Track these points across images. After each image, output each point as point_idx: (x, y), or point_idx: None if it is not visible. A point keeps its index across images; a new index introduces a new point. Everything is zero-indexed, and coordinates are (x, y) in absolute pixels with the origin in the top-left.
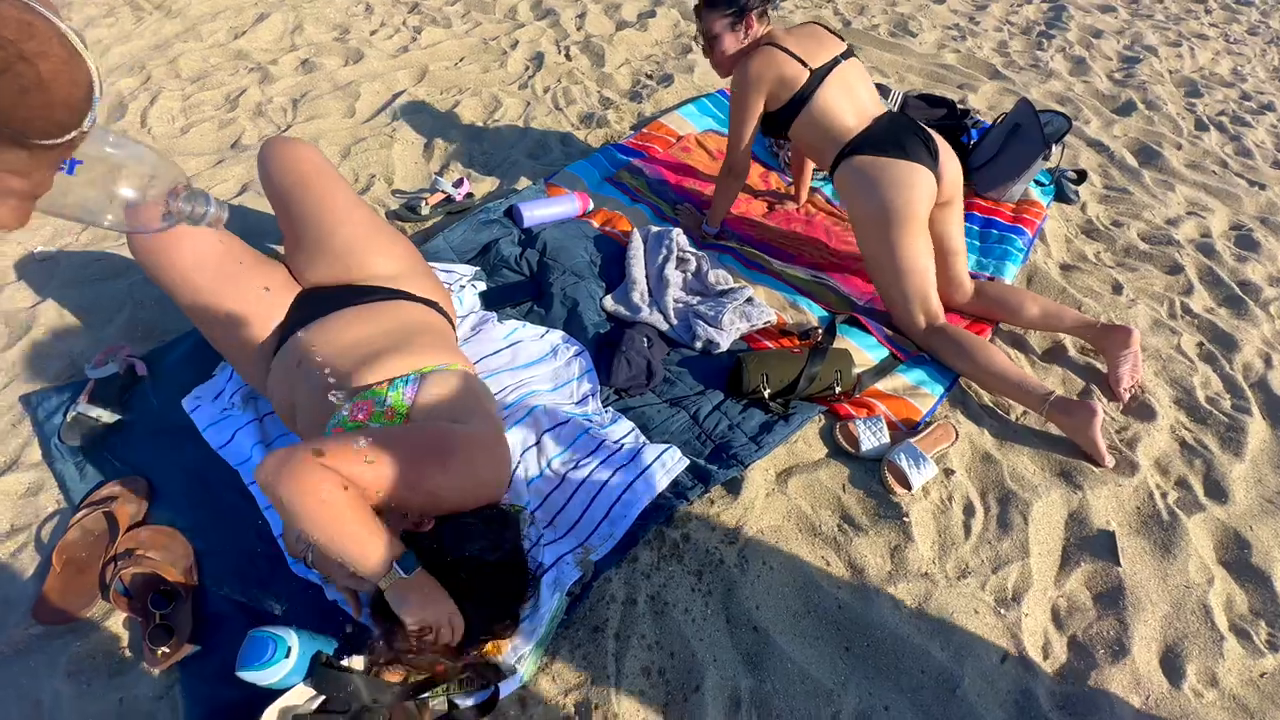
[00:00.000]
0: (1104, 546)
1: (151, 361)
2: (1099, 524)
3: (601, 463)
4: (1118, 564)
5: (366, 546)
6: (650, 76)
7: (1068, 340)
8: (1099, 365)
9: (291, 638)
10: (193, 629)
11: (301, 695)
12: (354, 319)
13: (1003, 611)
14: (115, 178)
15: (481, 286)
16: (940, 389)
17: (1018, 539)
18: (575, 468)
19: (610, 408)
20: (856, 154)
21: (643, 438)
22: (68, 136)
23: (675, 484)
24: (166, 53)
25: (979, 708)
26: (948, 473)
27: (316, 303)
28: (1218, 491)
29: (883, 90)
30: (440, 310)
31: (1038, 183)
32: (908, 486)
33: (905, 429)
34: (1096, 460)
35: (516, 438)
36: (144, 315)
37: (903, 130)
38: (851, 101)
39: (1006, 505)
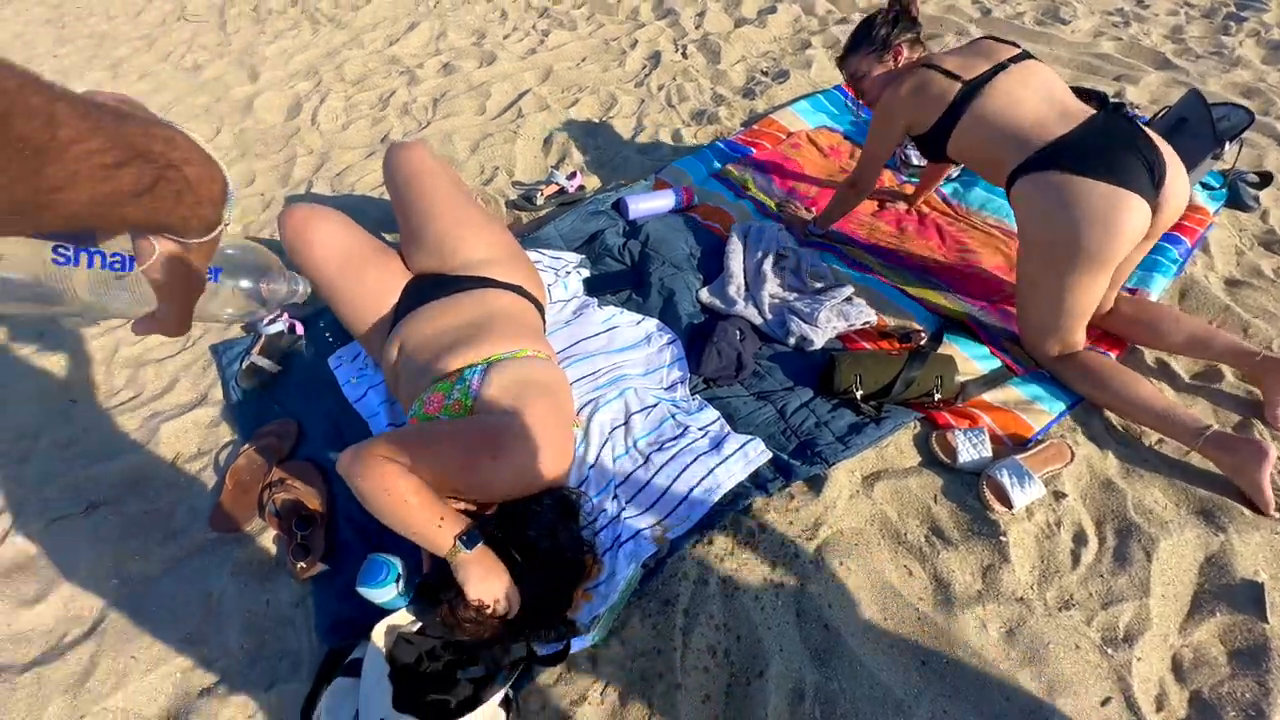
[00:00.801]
0: (1248, 599)
1: (307, 324)
2: (1244, 573)
3: (685, 447)
4: (1264, 620)
5: (430, 528)
6: (765, 73)
7: (1223, 365)
8: (1260, 396)
9: (399, 565)
10: (325, 552)
11: (405, 618)
12: (441, 311)
13: (1110, 651)
14: (237, 274)
15: (586, 273)
16: (1060, 406)
17: (1137, 576)
18: (659, 449)
19: (698, 396)
20: (1047, 169)
21: (727, 427)
22: (215, 232)
23: (756, 475)
24: (335, 59)
25: None
26: (1057, 496)
27: (419, 291)
28: None
29: None
30: (526, 294)
31: (1205, 185)
32: (1008, 505)
33: (1011, 445)
34: (1260, 507)
35: (606, 416)
36: None
37: (1118, 141)
38: (1026, 108)
39: (1127, 538)
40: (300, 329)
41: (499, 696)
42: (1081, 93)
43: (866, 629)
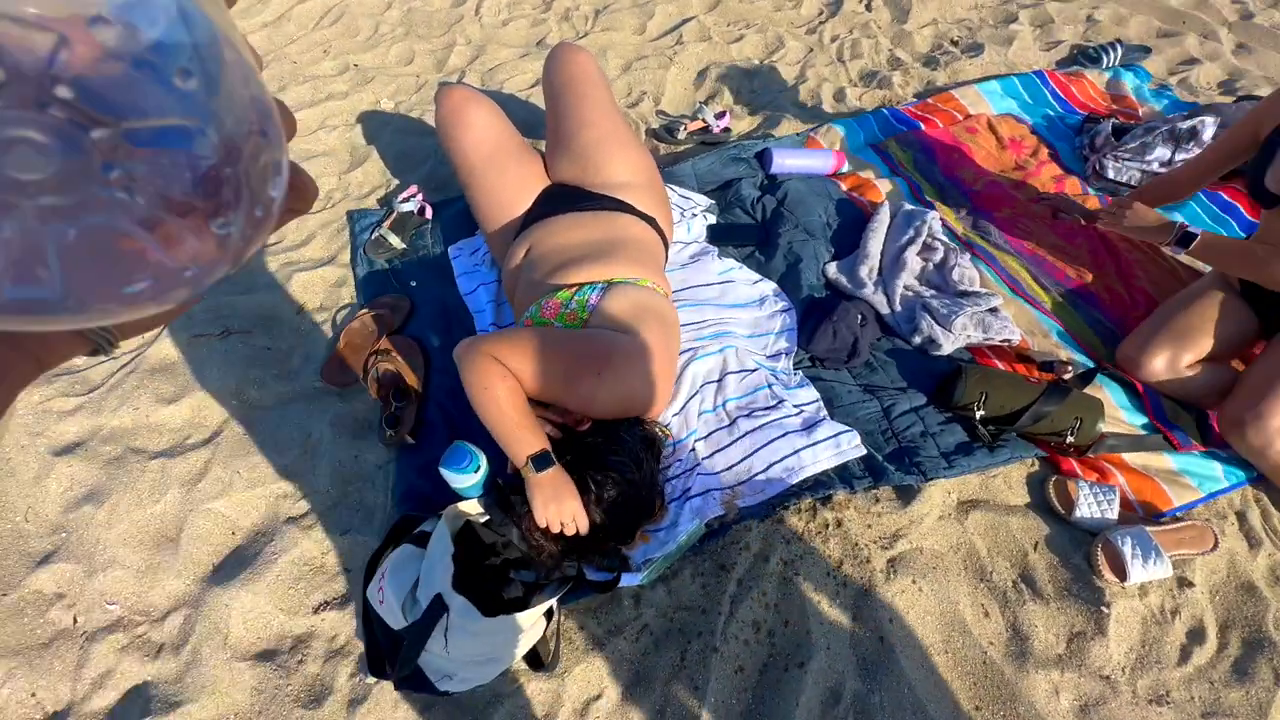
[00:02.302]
0: None
1: (437, 209)
2: None
3: (775, 420)
4: None
5: (512, 437)
6: (955, 43)
7: None
8: None
9: (483, 459)
10: (413, 426)
11: (474, 508)
12: (574, 224)
13: None
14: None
15: (713, 220)
16: (1214, 487)
17: (1256, 697)
18: (748, 415)
19: (799, 372)
20: None
21: (824, 411)
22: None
23: (843, 468)
24: None
25: None
26: (1182, 582)
27: (555, 199)
28: None
29: None
30: (657, 227)
31: None
32: (1122, 576)
33: (1143, 514)
34: None
35: (701, 369)
36: (440, 172)
37: None
38: None
39: (1255, 652)
40: (430, 212)
41: (545, 606)
42: None
43: (924, 655)
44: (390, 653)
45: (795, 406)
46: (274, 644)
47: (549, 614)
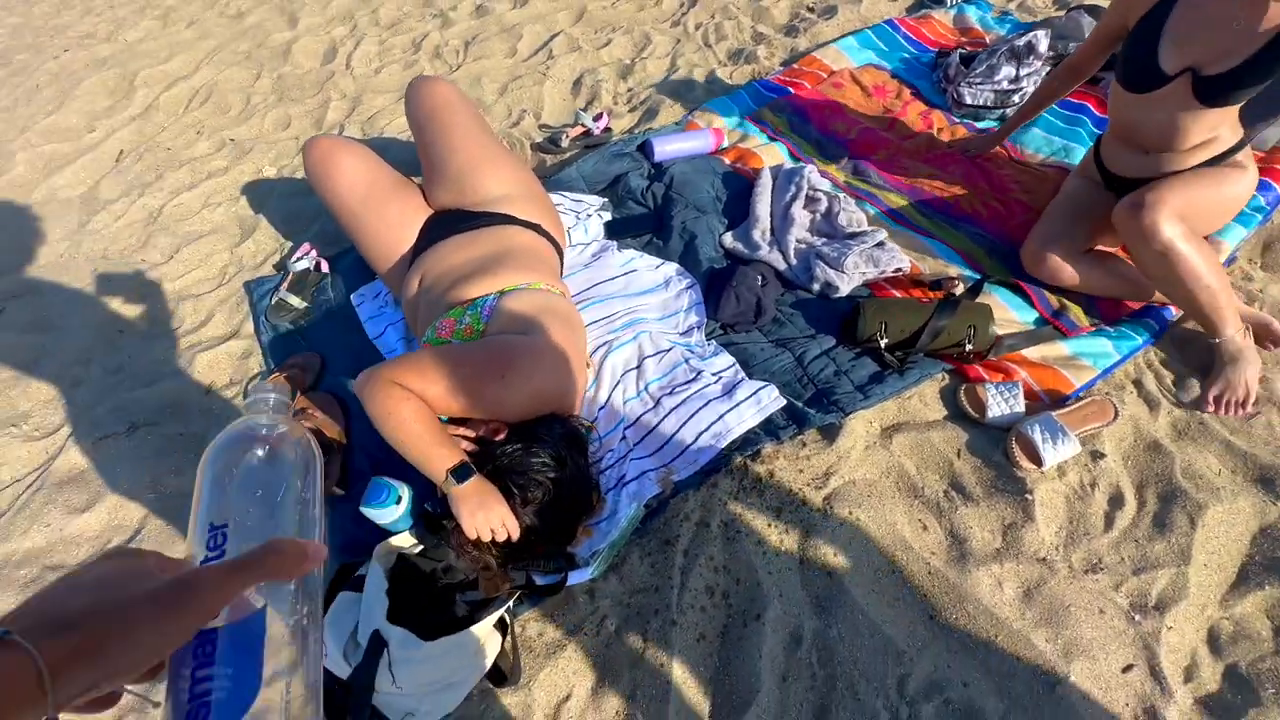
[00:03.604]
0: None
1: (333, 261)
2: None
3: (696, 392)
4: None
5: (426, 455)
6: (811, 9)
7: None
8: None
9: (404, 490)
10: (340, 478)
11: (407, 541)
12: (460, 245)
13: (1137, 618)
14: None
15: (608, 217)
16: (1107, 363)
17: (1177, 543)
18: (670, 393)
19: (713, 341)
20: None
21: (742, 373)
22: None
23: (768, 422)
24: (370, 3)
25: (1083, 711)
26: (1095, 455)
27: (439, 226)
28: None
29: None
30: (545, 233)
31: None
32: (1038, 462)
33: (1049, 402)
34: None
35: (619, 359)
36: (330, 227)
37: None
38: None
39: (1170, 504)
40: (325, 266)
41: (494, 618)
42: None
43: (872, 580)
44: (344, 701)
45: (713, 374)
46: None
47: (504, 628)
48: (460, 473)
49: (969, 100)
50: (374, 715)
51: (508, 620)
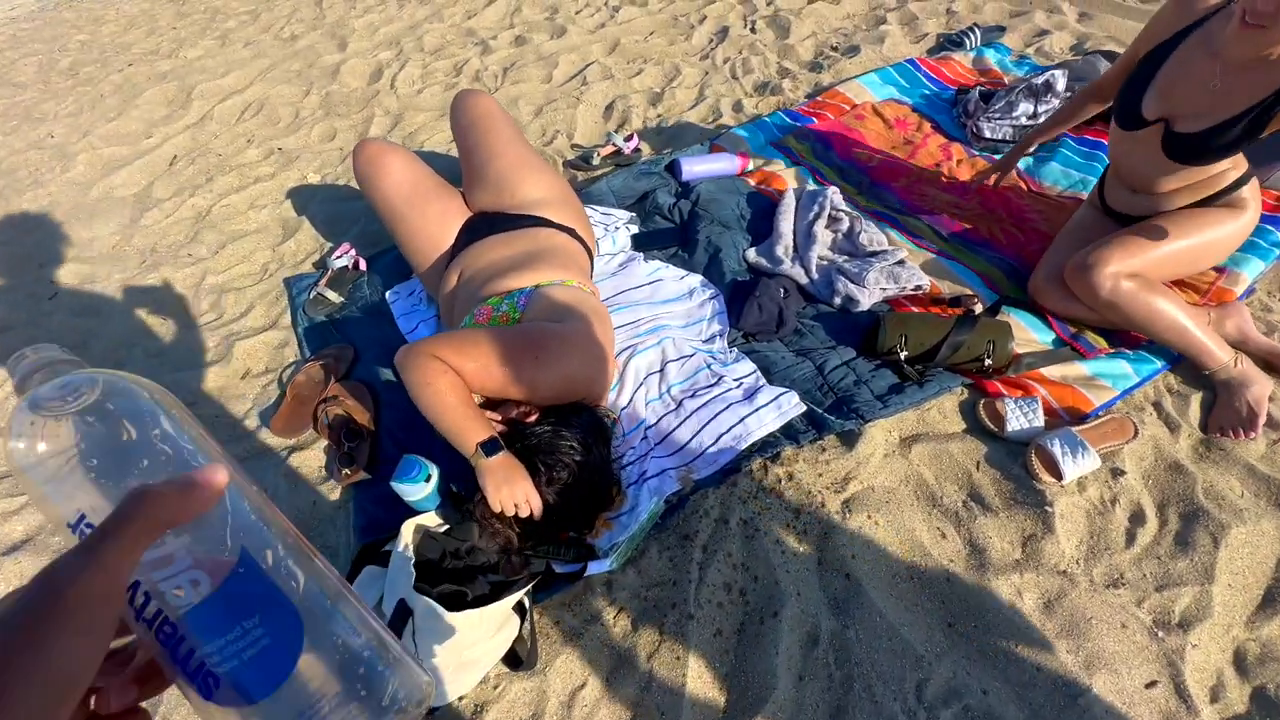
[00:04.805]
0: None
1: (370, 261)
2: None
3: (717, 396)
4: None
5: (459, 427)
6: (835, 48)
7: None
8: None
9: (434, 469)
10: (368, 463)
11: (432, 520)
12: (498, 243)
13: (1160, 634)
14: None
15: (635, 230)
16: (1127, 384)
17: (1200, 562)
18: (692, 396)
19: (735, 349)
20: None
21: (762, 379)
22: None
23: (788, 426)
24: (416, 31)
25: None
26: (1115, 473)
27: (478, 227)
28: None
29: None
30: (577, 236)
31: None
32: (1057, 476)
33: (1068, 419)
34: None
35: (643, 362)
36: (371, 229)
37: None
38: None
39: (1192, 523)
40: (364, 265)
41: (513, 599)
42: None
43: (891, 584)
44: None
45: (735, 380)
46: None
47: (523, 613)
48: (489, 446)
49: (988, 134)
50: None
51: (527, 605)
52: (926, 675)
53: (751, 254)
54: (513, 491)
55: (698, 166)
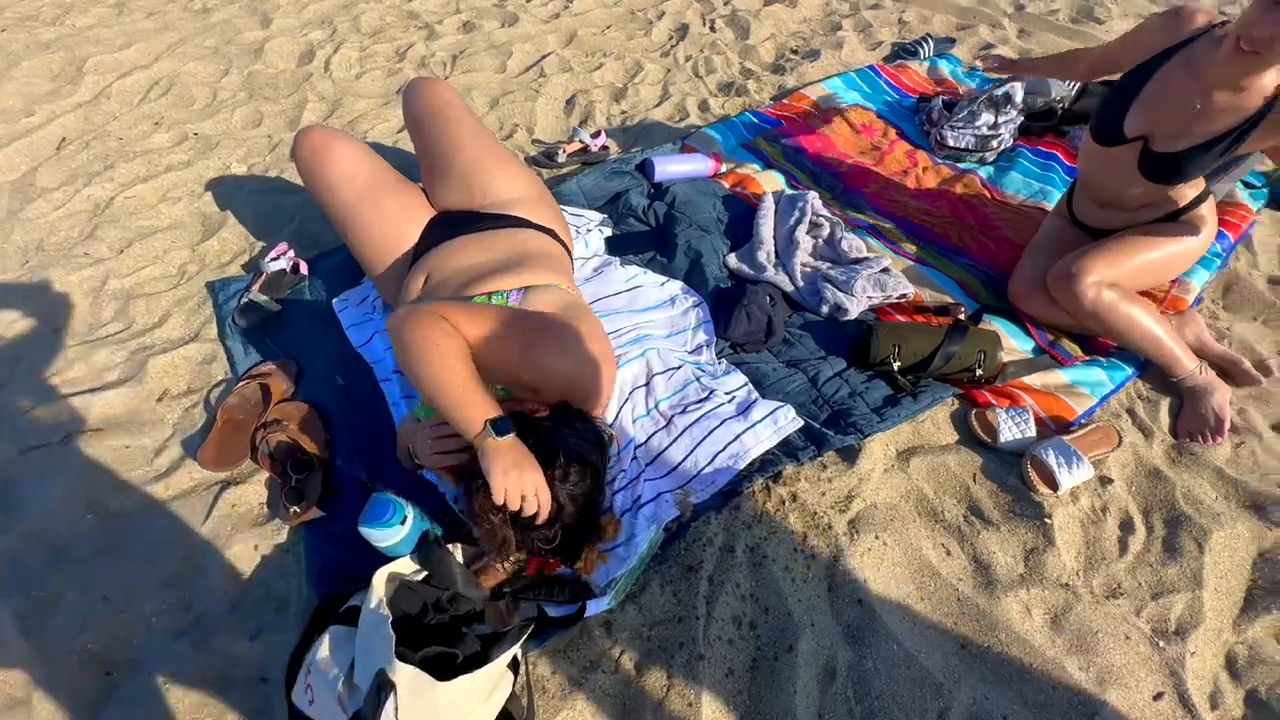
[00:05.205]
0: None
1: (312, 263)
2: None
3: (710, 412)
4: None
5: (463, 400)
6: (795, 51)
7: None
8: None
9: (409, 510)
10: (321, 497)
11: (408, 567)
12: (473, 244)
13: (1161, 644)
14: None
15: (608, 233)
16: (1103, 391)
17: (1189, 568)
18: (682, 412)
19: (724, 360)
20: None
21: (755, 393)
22: None
23: (786, 443)
24: (351, 11)
25: None
26: (1103, 481)
27: (445, 226)
28: None
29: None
30: (558, 239)
31: (1247, 184)
32: (1054, 487)
33: (1055, 428)
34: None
35: (627, 375)
36: (310, 227)
37: None
38: None
39: (1176, 529)
40: (304, 268)
41: (508, 656)
42: None
43: (903, 608)
44: None
45: (726, 394)
46: None
47: (514, 666)
48: (500, 425)
49: (951, 143)
50: None
51: (519, 657)
52: (948, 704)
53: (732, 260)
54: (521, 480)
55: (671, 166)
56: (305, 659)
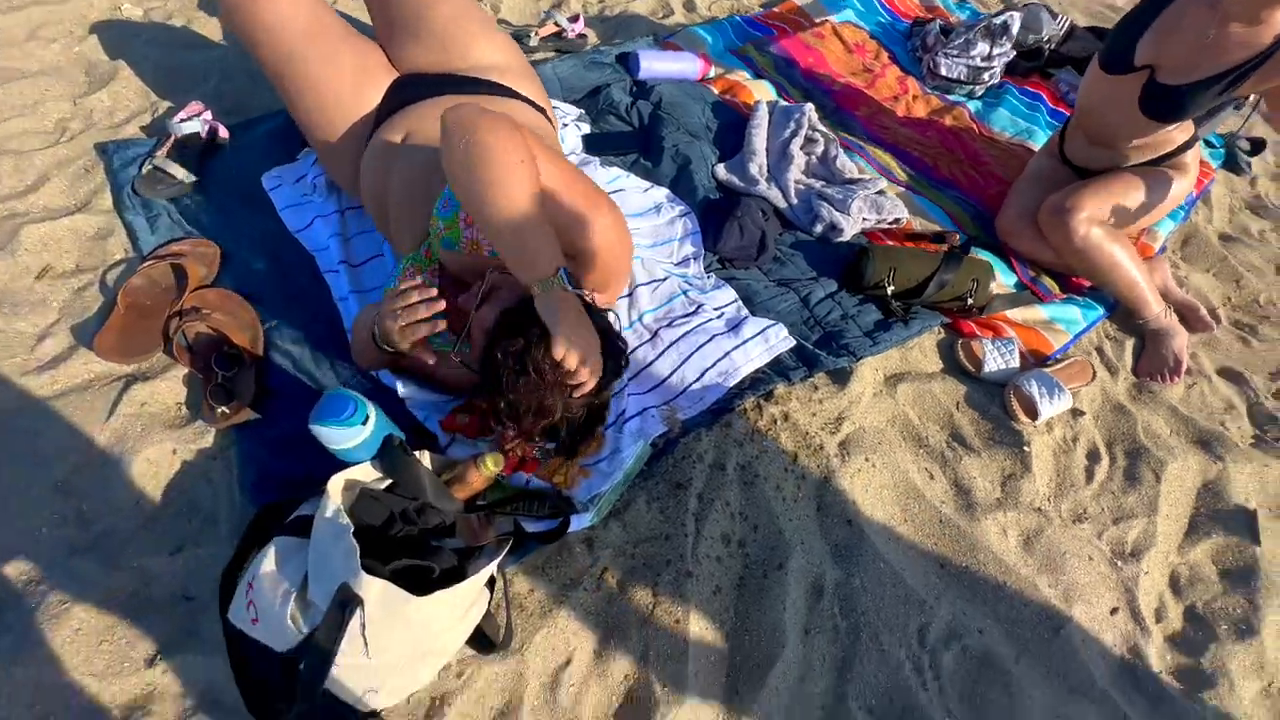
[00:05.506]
0: (1241, 524)
1: (235, 131)
2: (1238, 500)
3: (698, 327)
4: (1256, 544)
5: (543, 229)
6: None
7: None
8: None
9: (371, 409)
10: (255, 398)
11: (368, 474)
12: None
13: (1119, 564)
14: None
15: (586, 129)
16: (1077, 329)
17: (1145, 496)
18: (669, 326)
19: (712, 274)
20: None
21: (745, 310)
22: None
23: (777, 362)
24: None
25: (1082, 653)
26: (1075, 413)
27: (417, 87)
28: None
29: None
30: (548, 118)
31: (1208, 143)
32: (1034, 416)
33: (1034, 361)
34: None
35: None
36: (231, 88)
37: None
38: None
39: (1136, 460)
40: (225, 133)
41: (488, 572)
42: (1103, 34)
43: (889, 528)
44: (281, 684)
45: (715, 309)
46: None
47: (490, 584)
48: (571, 278)
49: (944, 72)
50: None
51: (495, 576)
52: (929, 619)
53: (721, 171)
54: (585, 338)
55: (657, 64)
56: (244, 573)
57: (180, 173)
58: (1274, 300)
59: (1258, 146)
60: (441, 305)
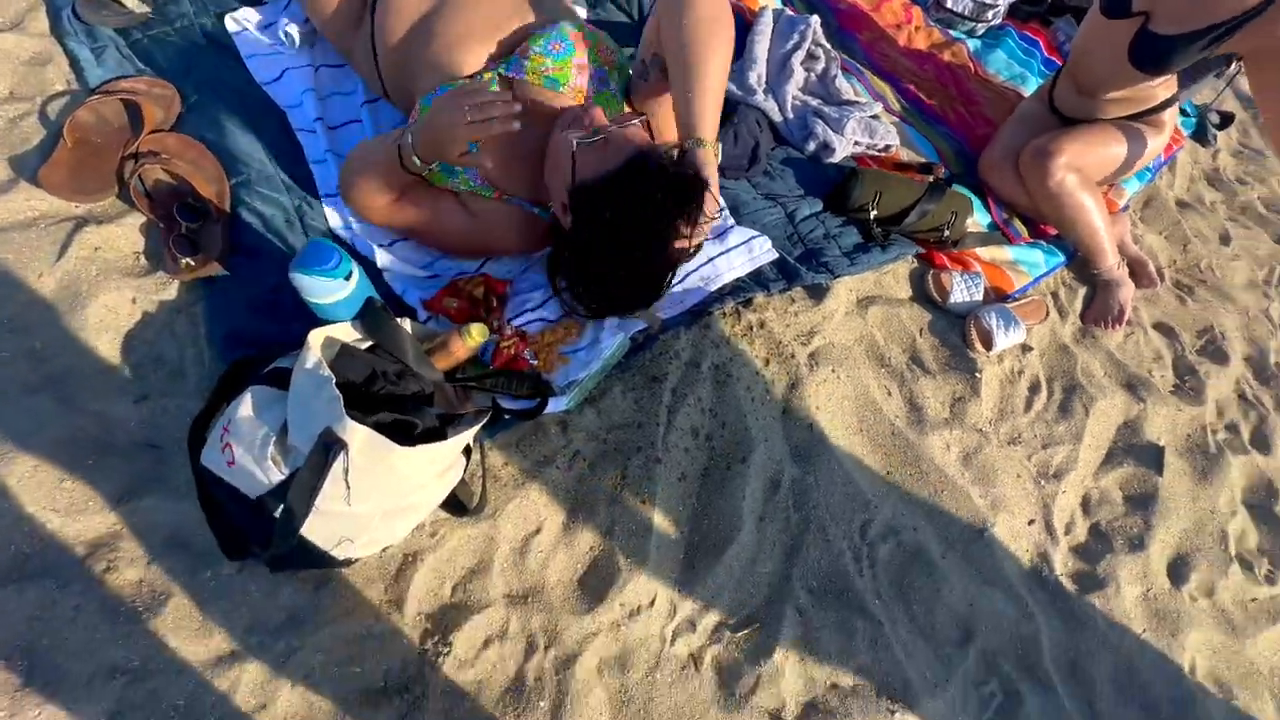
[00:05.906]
0: (1150, 457)
1: None
2: (1150, 437)
3: None
4: (1159, 474)
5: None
6: None
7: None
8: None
9: (355, 267)
10: (222, 252)
11: (348, 334)
12: None
13: (1041, 483)
14: None
15: (583, 14)
16: (1038, 273)
17: (1074, 427)
18: None
19: None
20: None
21: (731, 219)
22: None
23: (758, 273)
24: None
25: (999, 554)
26: (1024, 348)
27: None
28: (1263, 443)
29: None
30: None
31: (1183, 111)
32: (989, 346)
33: (995, 297)
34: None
35: None
36: None
37: None
38: None
39: (1071, 395)
40: None
41: (467, 438)
42: None
43: (846, 435)
44: (255, 527)
45: None
46: (56, 557)
47: (467, 453)
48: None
49: (949, 4)
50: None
51: (471, 446)
52: (871, 516)
53: None
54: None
55: None
56: (217, 419)
57: (133, 2)
58: (1213, 267)
59: (1226, 120)
60: (519, 108)
